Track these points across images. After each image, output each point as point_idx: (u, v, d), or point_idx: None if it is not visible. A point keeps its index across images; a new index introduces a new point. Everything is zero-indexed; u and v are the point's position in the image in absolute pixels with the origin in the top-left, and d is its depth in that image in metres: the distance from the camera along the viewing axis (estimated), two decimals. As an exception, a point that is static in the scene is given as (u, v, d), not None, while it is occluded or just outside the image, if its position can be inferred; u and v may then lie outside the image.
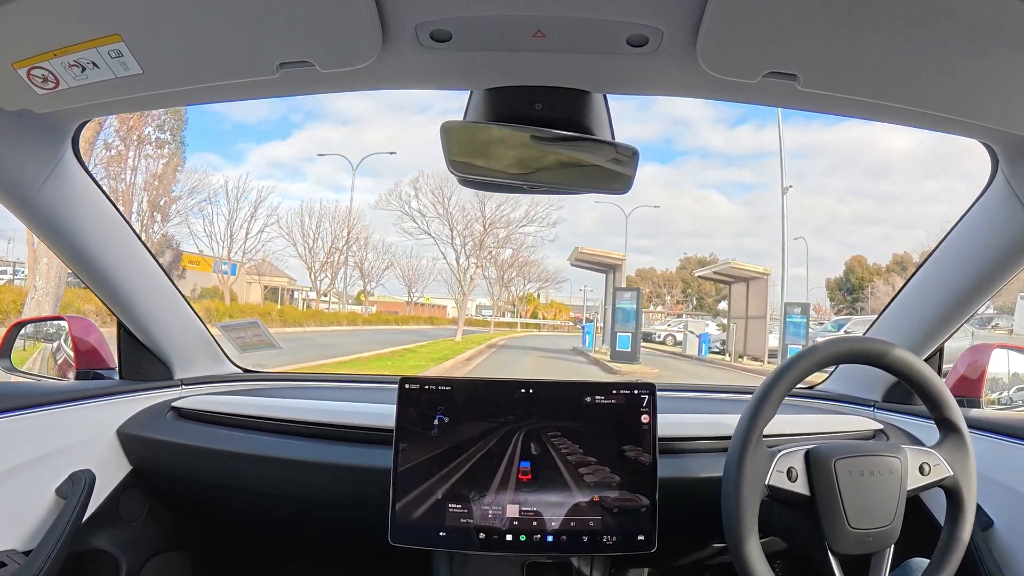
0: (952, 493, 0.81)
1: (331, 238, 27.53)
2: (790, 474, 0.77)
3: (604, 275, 19.51)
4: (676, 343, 22.19)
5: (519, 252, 28.34)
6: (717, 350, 17.32)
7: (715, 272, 18.60)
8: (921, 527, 0.94)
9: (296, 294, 30.54)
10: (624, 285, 16.53)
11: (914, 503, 0.83)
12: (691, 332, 18.68)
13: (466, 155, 0.75)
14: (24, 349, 1.31)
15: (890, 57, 0.62)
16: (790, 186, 17.67)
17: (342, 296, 28.92)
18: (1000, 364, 1.17)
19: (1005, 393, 1.22)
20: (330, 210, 28.37)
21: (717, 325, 21.63)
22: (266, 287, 27.75)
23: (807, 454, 0.79)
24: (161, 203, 19.50)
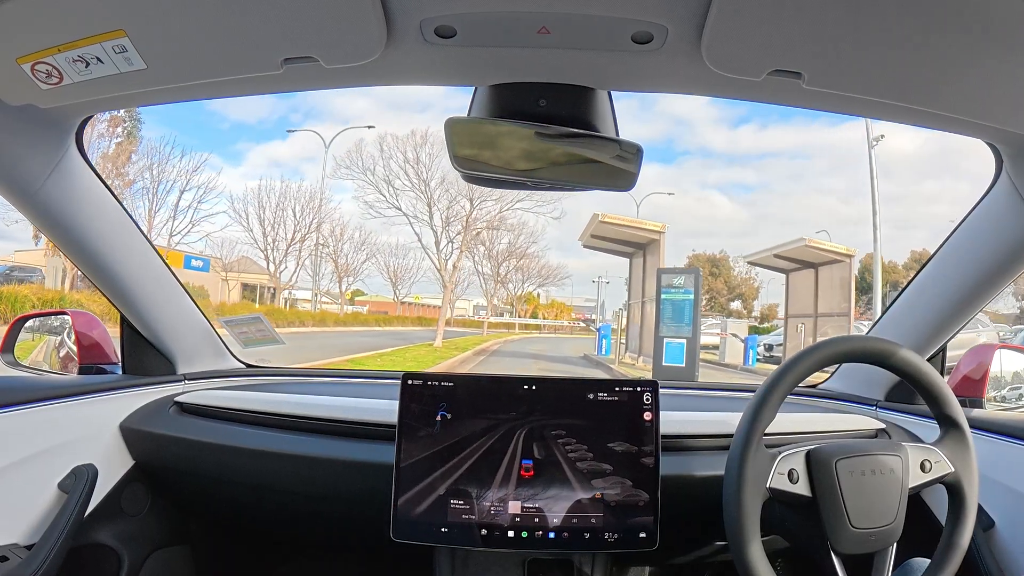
0: (953, 489, 0.81)
1: (295, 223, 22.17)
2: (791, 476, 0.77)
3: (628, 259, 13.70)
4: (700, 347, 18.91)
5: (517, 241, 24.49)
6: (762, 358, 13.97)
7: (776, 255, 13.30)
8: (923, 527, 0.94)
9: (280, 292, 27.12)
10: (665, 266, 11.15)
11: (916, 503, 0.83)
12: (734, 335, 14.71)
13: (470, 151, 0.75)
14: (33, 340, 1.32)
15: (895, 56, 0.62)
16: (881, 136, 13.64)
17: (318, 295, 24.71)
18: (1003, 364, 1.18)
19: (999, 392, 1.22)
20: (293, 189, 23.11)
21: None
22: (244, 285, 24.56)
23: (808, 455, 0.79)
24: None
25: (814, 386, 1.36)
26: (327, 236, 23.79)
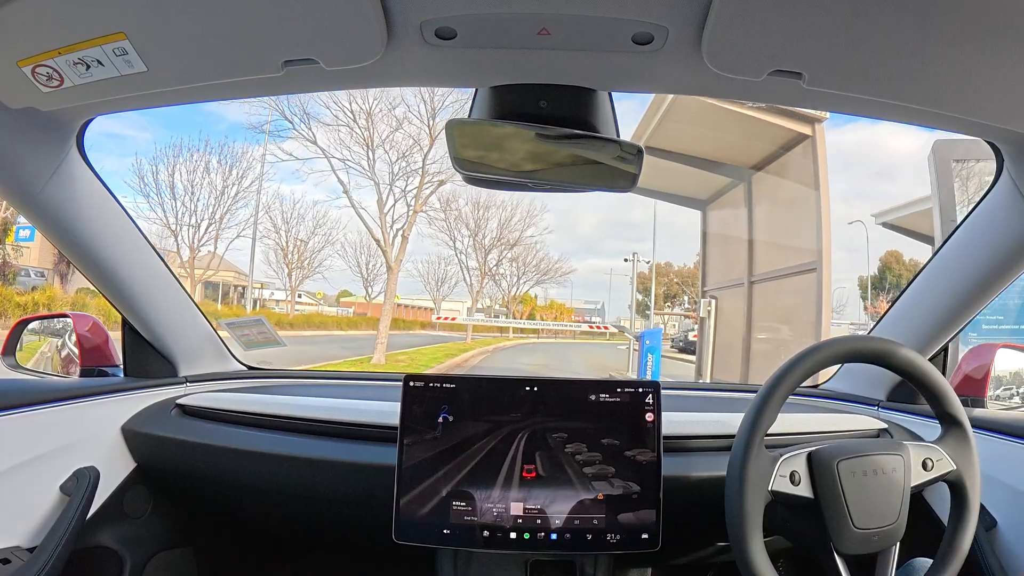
0: (956, 487, 0.81)
1: (216, 194, 15.62)
2: (793, 478, 0.77)
3: (700, 211, 7.49)
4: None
5: (509, 223, 19.35)
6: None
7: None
8: (925, 527, 0.94)
9: (248, 291, 22.00)
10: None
11: (918, 503, 0.83)
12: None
13: (471, 152, 0.75)
14: (40, 340, 1.32)
15: (896, 55, 0.62)
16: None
17: (295, 295, 20.31)
18: (1005, 364, 1.17)
19: (995, 392, 1.22)
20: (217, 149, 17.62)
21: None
22: (207, 283, 19.08)
23: (809, 456, 0.79)
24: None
25: (816, 386, 1.36)
26: (264, 209, 17.47)
